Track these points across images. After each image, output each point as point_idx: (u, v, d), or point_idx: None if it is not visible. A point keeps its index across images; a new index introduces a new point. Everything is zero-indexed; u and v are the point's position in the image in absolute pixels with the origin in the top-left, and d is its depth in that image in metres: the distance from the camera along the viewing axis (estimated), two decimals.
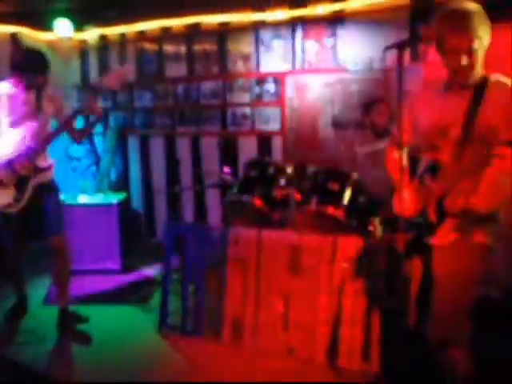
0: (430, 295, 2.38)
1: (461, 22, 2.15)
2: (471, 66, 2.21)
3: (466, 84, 2.26)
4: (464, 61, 2.18)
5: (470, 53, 2.17)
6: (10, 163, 3.41)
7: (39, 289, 4.46)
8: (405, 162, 2.54)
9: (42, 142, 3.46)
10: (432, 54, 4.13)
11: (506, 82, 2.24)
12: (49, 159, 3.61)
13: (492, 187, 2.19)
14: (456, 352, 2.37)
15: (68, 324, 3.73)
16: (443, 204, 2.29)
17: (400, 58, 2.15)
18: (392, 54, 2.22)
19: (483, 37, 2.18)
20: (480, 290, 2.44)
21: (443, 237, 2.29)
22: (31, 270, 4.48)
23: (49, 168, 3.60)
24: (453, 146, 2.27)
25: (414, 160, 2.57)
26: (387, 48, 2.20)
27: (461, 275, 2.29)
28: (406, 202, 2.40)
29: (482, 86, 2.23)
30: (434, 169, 2.38)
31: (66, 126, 3.53)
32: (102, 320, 3.91)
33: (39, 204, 3.57)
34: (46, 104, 3.55)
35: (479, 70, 2.25)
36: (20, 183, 3.46)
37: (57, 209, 3.69)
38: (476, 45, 2.16)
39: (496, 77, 2.26)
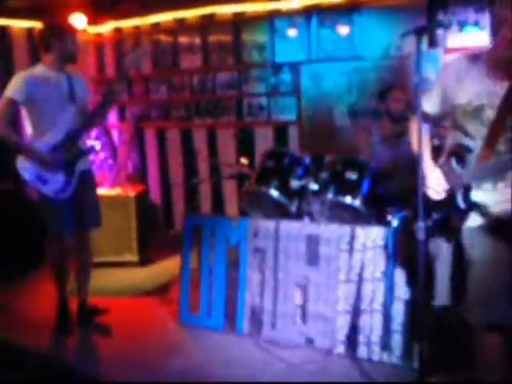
0: (465, 279, 2.33)
1: None
2: None
3: None
4: None
5: None
6: (55, 147, 3.39)
7: None
8: (427, 137, 2.47)
9: (83, 124, 3.46)
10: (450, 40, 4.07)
11: None
12: (90, 141, 3.63)
13: None
14: (494, 337, 2.31)
15: (88, 316, 3.74)
16: (472, 191, 2.22)
17: (418, 44, 2.11)
18: (409, 41, 2.17)
19: None
20: None
21: (474, 220, 2.23)
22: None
23: (92, 149, 3.63)
24: (485, 131, 2.16)
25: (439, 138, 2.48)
26: (404, 34, 2.16)
27: (495, 258, 2.22)
28: (432, 183, 2.36)
29: None
30: (460, 151, 2.28)
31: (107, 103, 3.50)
32: (121, 312, 3.93)
33: (80, 194, 3.53)
34: (77, 86, 3.51)
35: None
36: (68, 167, 3.44)
37: (97, 201, 3.70)
38: None
39: None
